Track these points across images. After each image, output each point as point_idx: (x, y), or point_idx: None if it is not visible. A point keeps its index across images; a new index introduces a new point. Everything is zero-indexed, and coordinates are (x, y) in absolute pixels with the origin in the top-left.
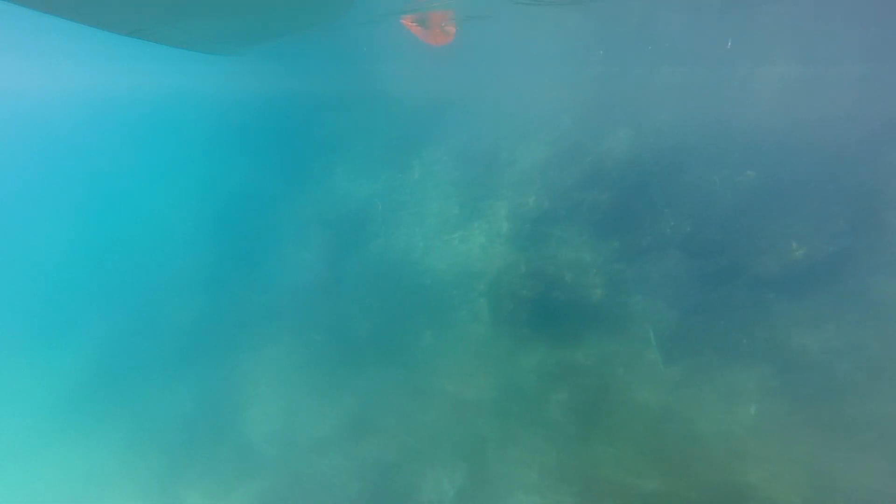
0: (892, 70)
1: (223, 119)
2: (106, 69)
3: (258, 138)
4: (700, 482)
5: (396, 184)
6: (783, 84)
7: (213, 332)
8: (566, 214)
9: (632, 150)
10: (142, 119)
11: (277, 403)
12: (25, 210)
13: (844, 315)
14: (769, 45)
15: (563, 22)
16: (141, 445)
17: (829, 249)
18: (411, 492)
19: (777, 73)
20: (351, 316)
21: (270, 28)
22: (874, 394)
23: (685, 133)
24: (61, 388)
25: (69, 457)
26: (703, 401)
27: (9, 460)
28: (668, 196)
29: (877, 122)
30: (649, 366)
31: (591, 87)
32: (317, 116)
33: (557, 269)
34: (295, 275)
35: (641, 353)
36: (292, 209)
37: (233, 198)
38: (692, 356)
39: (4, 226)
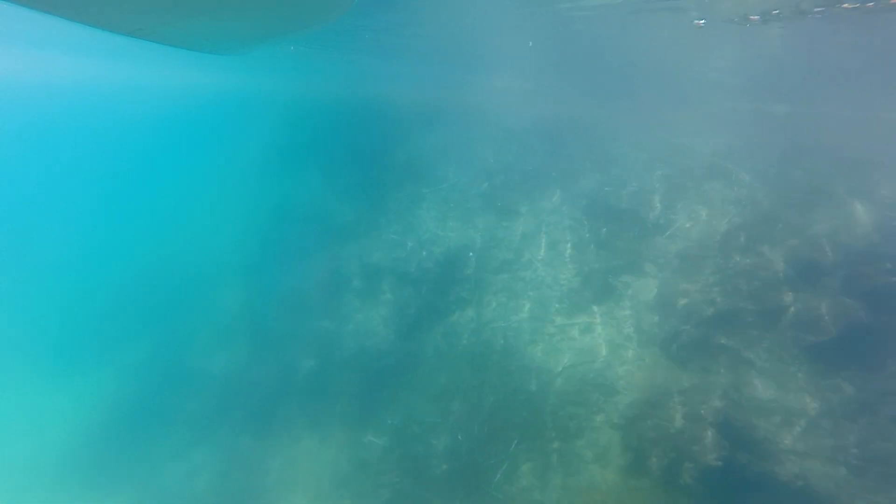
0: None
1: (285, 127)
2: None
3: (327, 153)
4: None
5: (498, 234)
6: None
7: (248, 394)
8: (757, 322)
9: (868, 234)
10: (189, 127)
11: None
12: (60, 226)
13: None
14: None
15: (756, 39)
16: None
17: None
18: None
19: None
20: (424, 418)
21: (272, 28)
22: None
23: None
24: (76, 427)
25: None
26: None
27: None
28: None
29: None
30: None
31: (783, 128)
32: (404, 133)
33: (742, 413)
34: (357, 342)
35: None
36: (361, 250)
37: (287, 224)
38: None
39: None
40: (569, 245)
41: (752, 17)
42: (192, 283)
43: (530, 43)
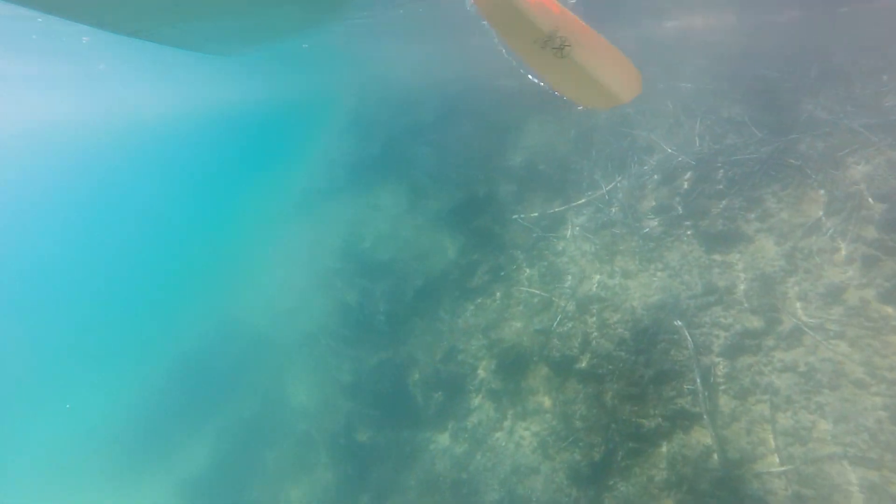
0: None
1: (350, 132)
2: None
3: (408, 162)
4: None
5: (716, 280)
6: None
7: None
8: None
9: None
10: (226, 144)
11: None
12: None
13: None
14: None
15: None
16: None
17: None
18: None
19: None
20: None
21: (272, 28)
22: None
23: None
24: None
25: None
26: None
27: None
28: None
29: None
30: None
31: None
32: (517, 123)
33: None
34: (506, 489)
35: None
36: (483, 318)
37: (365, 277)
38: None
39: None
40: (873, 294)
41: None
42: (250, 366)
43: None
